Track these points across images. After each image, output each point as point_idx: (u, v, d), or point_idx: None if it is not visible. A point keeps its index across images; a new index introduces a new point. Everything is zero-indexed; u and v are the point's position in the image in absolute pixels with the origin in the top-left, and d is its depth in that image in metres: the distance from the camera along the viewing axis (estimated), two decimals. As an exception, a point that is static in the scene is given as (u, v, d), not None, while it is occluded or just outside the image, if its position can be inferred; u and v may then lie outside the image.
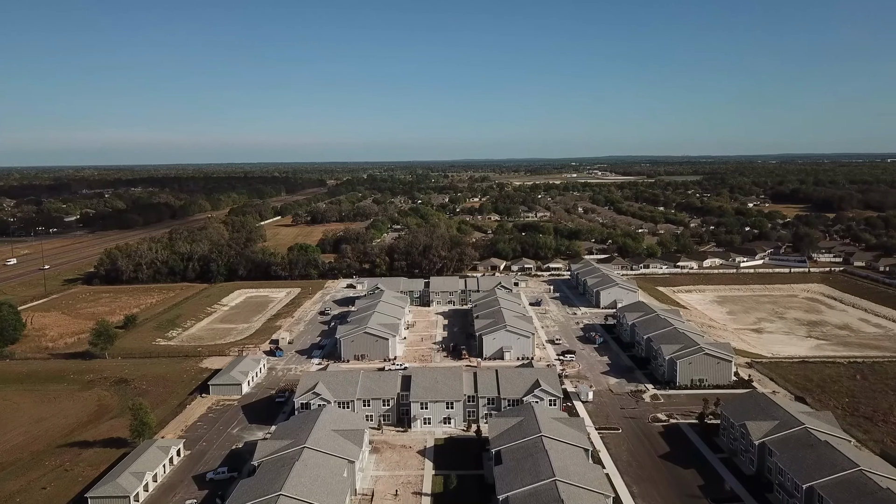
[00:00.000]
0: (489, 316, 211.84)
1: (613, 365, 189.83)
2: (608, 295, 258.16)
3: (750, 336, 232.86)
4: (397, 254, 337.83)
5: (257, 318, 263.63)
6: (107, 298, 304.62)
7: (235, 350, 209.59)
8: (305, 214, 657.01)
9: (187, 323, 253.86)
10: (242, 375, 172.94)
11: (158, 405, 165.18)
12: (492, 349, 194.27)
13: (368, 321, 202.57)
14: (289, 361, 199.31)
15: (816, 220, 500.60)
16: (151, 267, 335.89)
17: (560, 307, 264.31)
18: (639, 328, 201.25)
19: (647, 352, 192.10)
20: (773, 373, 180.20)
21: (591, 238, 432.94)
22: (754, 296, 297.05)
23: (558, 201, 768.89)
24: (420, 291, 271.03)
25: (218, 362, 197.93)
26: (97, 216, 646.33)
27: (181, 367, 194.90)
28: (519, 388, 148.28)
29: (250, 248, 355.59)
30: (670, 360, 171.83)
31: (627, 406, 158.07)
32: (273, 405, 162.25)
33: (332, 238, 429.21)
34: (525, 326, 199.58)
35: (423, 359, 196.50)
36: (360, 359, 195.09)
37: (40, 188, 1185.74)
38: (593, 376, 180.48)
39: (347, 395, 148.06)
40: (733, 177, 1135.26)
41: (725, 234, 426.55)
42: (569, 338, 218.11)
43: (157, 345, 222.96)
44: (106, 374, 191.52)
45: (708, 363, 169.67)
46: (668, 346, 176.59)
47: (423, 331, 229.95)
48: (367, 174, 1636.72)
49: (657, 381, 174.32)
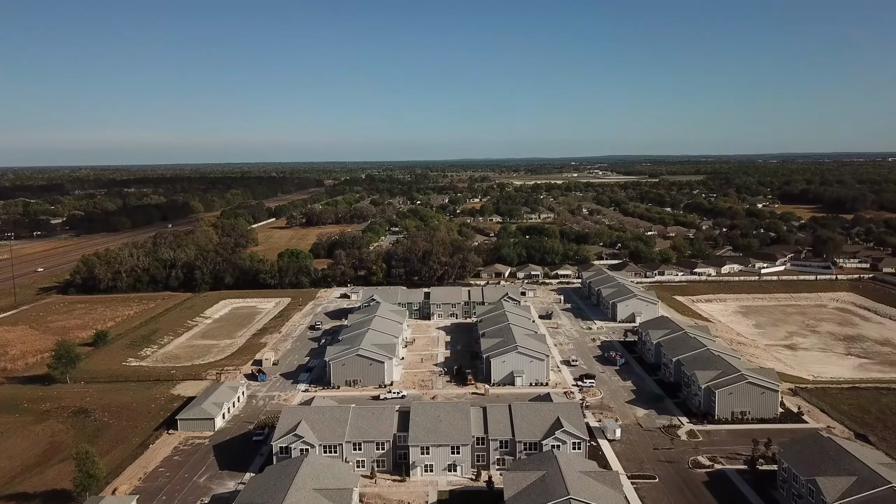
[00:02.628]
0: (497, 334, 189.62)
1: (639, 392, 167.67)
2: (626, 307, 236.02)
3: (784, 354, 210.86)
4: (395, 260, 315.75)
5: (242, 332, 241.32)
6: (81, 310, 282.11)
7: (213, 373, 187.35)
8: (300, 216, 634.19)
9: (164, 339, 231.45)
10: (216, 408, 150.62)
11: (117, 444, 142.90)
12: (501, 374, 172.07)
13: (361, 341, 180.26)
14: (272, 387, 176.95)
15: (834, 221, 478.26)
16: (131, 275, 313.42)
17: (573, 321, 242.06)
18: (665, 348, 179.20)
19: (676, 376, 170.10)
20: (823, 402, 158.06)
21: (600, 242, 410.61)
22: (780, 306, 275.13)
23: (561, 202, 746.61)
24: (419, 303, 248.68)
25: (192, 388, 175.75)
26: (84, 218, 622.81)
27: (150, 395, 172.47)
28: (537, 428, 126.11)
29: (238, 255, 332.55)
30: (707, 390, 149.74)
31: (661, 446, 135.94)
32: (250, 444, 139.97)
33: (326, 242, 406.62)
34: (538, 347, 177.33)
35: (423, 384, 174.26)
36: (352, 385, 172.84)
37: (33, 189, 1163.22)
38: (618, 406, 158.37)
39: (335, 436, 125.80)
40: (738, 176, 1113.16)
41: (741, 238, 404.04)
42: (586, 358, 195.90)
43: (128, 366, 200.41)
44: (64, 403, 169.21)
45: (751, 393, 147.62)
46: (703, 372, 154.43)
47: (422, 349, 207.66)
48: (366, 174, 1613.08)
49: (691, 412, 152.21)
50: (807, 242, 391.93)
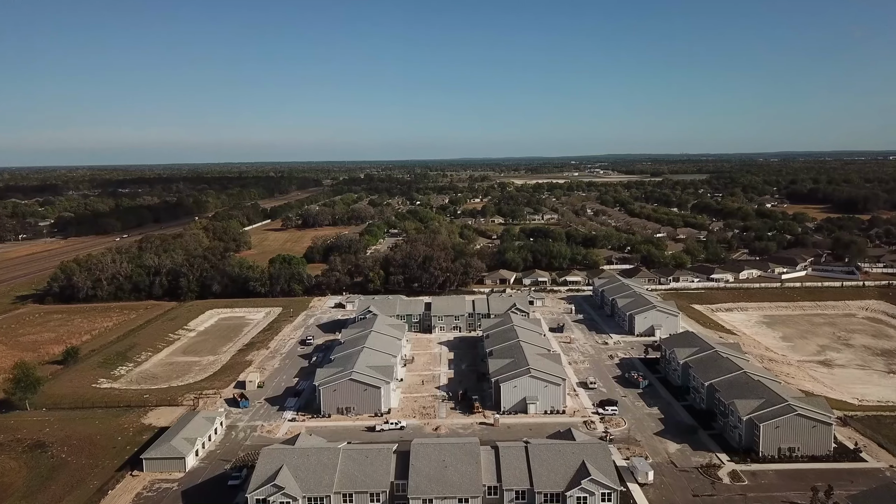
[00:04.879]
0: (506, 353, 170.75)
1: (668, 421, 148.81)
2: (644, 320, 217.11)
3: (820, 372, 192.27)
4: (393, 266, 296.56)
5: (227, 347, 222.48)
6: (57, 321, 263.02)
7: (191, 398, 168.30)
8: (296, 218, 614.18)
9: (142, 356, 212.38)
10: (188, 444, 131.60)
11: (72, 489, 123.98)
12: (512, 400, 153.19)
13: (355, 362, 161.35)
14: (255, 415, 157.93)
15: (850, 222, 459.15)
16: (113, 283, 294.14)
17: (586, 334, 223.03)
18: (695, 370, 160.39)
19: (708, 402, 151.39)
20: (878, 433, 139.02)
21: (608, 245, 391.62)
22: (805, 315, 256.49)
23: (565, 202, 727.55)
24: (420, 315, 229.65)
25: (166, 416, 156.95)
26: (72, 221, 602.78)
27: (117, 425, 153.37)
28: (559, 475, 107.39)
29: (226, 261, 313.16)
30: (749, 422, 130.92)
31: (702, 491, 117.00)
32: (224, 489, 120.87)
33: (321, 246, 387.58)
34: (553, 369, 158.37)
35: (424, 412, 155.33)
36: (344, 412, 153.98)
37: (25, 189, 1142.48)
38: (646, 439, 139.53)
39: (321, 486, 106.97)
40: (743, 175, 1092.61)
41: (757, 241, 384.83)
42: (604, 379, 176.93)
43: (98, 388, 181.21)
44: (21, 434, 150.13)
45: (801, 427, 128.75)
46: (743, 401, 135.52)
47: (423, 368, 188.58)
48: (365, 174, 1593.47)
49: (730, 447, 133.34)
50: (826, 245, 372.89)
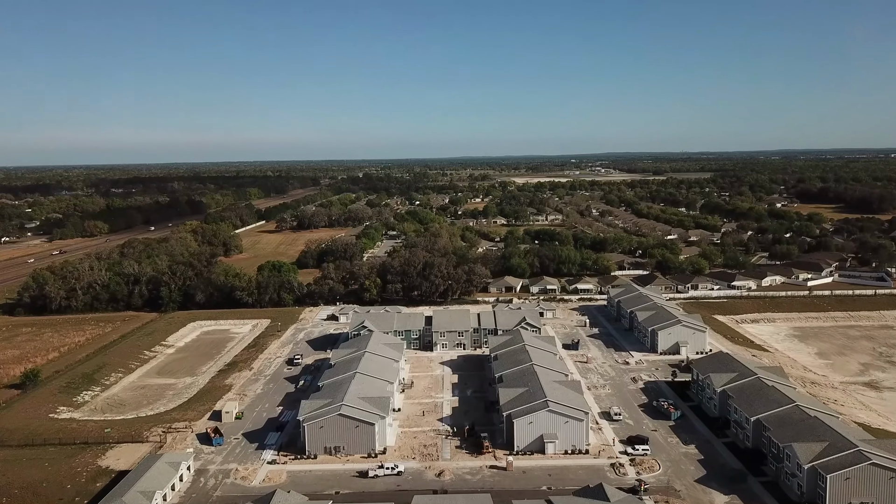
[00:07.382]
0: (518, 380, 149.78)
1: (710, 463, 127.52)
2: (668, 336, 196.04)
3: (868, 397, 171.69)
4: (391, 274, 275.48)
5: (207, 367, 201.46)
6: (26, 335, 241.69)
7: (159, 432, 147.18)
8: (291, 219, 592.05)
9: (111, 377, 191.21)
10: (145, 500, 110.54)
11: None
12: (527, 439, 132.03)
13: (346, 392, 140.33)
14: (229, 455, 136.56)
15: (870, 224, 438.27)
16: (89, 292, 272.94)
17: (604, 351, 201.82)
18: (736, 401, 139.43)
19: (754, 440, 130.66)
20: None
21: (619, 248, 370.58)
22: (839, 327, 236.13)
23: (568, 202, 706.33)
24: (419, 330, 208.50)
25: (127, 456, 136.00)
26: (59, 222, 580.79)
27: (69, 468, 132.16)
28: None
29: (212, 268, 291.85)
30: (812, 471, 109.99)
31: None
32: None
33: (315, 250, 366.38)
34: (574, 401, 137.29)
35: (425, 452, 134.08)
36: (333, 452, 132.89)
37: (17, 189, 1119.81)
38: (687, 488, 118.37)
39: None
40: (748, 174, 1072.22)
41: (778, 244, 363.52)
42: (629, 407, 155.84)
43: (55, 419, 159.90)
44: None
45: (875, 478, 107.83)
46: (802, 445, 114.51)
47: (424, 395, 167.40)
48: (363, 173, 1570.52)
49: (788, 500, 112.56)
50: (850, 249, 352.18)
